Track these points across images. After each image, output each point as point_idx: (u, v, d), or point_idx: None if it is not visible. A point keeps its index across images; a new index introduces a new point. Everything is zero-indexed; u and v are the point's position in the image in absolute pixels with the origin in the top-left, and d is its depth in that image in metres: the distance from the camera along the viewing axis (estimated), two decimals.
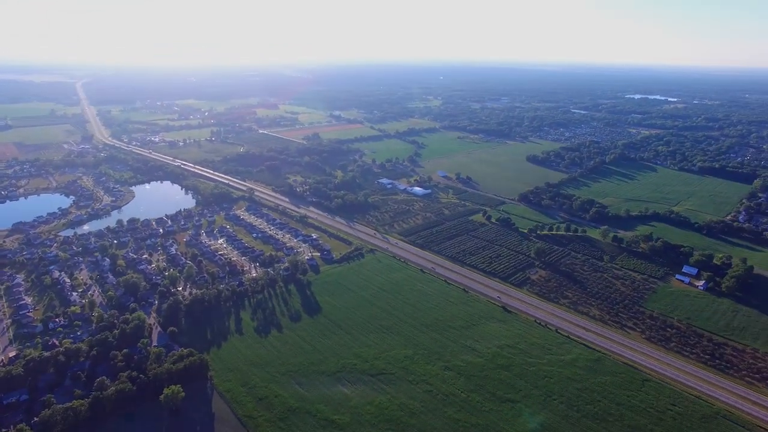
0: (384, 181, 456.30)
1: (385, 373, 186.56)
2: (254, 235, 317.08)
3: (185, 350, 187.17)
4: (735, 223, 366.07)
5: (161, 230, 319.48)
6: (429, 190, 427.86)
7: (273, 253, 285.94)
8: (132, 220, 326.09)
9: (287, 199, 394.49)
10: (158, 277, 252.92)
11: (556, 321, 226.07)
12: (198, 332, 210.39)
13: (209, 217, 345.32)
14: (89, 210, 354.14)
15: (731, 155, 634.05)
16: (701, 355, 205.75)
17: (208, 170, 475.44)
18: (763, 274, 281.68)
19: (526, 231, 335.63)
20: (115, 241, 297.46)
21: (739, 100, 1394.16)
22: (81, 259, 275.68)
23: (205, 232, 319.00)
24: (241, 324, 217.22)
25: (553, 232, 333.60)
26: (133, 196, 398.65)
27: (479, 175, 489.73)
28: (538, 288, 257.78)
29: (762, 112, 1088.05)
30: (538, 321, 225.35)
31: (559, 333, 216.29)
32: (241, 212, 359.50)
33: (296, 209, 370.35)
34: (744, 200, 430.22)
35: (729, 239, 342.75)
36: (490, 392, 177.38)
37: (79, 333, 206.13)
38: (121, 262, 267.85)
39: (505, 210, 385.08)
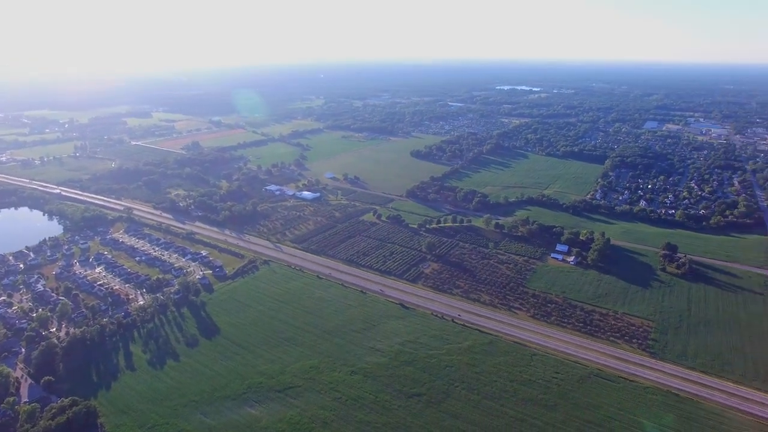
0: (272, 187, 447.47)
1: (293, 387, 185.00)
2: (137, 258, 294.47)
3: (67, 400, 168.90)
4: (593, 201, 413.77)
5: (22, 265, 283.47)
6: (318, 194, 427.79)
7: (160, 276, 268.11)
8: None
9: (171, 216, 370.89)
10: (23, 321, 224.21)
11: (452, 311, 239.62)
12: (81, 376, 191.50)
13: (82, 243, 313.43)
14: None
15: (586, 139, 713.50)
16: (576, 324, 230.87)
17: (75, 191, 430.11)
18: (618, 244, 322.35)
19: (416, 226, 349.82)
20: None
21: (588, 89, 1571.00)
22: None
23: (79, 262, 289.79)
24: (131, 359, 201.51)
25: (441, 225, 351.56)
26: None
27: (366, 174, 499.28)
28: (432, 281, 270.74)
29: (606, 100, 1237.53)
30: (435, 313, 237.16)
31: (455, 322, 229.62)
32: (120, 235, 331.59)
33: (182, 226, 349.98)
34: (599, 179, 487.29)
35: (590, 216, 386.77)
36: (397, 390, 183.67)
37: None
38: None
39: (394, 207, 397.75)
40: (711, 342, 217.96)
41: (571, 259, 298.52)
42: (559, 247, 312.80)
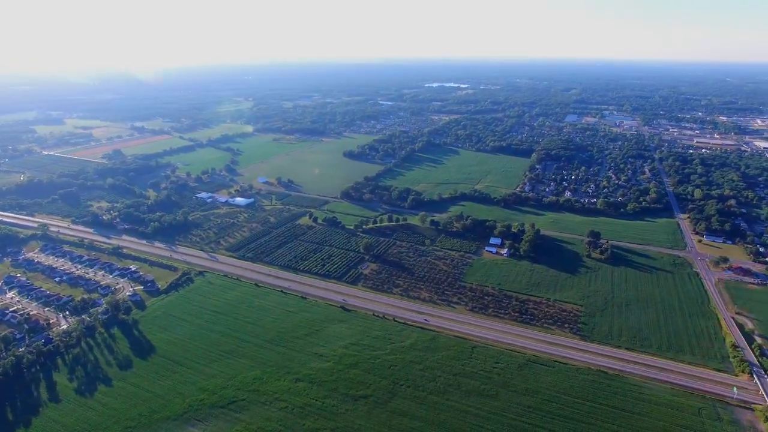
0: (203, 195, 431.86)
1: (237, 401, 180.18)
2: (57, 279, 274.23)
3: None
4: (523, 194, 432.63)
5: None
6: (252, 199, 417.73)
7: (85, 296, 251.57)
8: None
9: (94, 231, 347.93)
10: None
11: (393, 310, 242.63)
12: None
13: None
14: None
15: (513, 134, 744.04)
16: (512, 313, 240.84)
17: None
18: (547, 234, 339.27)
19: (352, 227, 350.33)
20: None
21: (513, 85, 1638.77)
22: None
23: None
24: (55, 389, 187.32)
25: (378, 225, 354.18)
26: None
27: (300, 177, 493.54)
28: (371, 282, 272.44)
29: (530, 95, 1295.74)
30: (376, 314, 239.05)
31: (396, 321, 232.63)
32: (35, 254, 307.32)
33: (107, 240, 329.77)
34: (527, 173, 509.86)
35: (520, 208, 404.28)
36: (343, 394, 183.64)
37: None
38: None
39: (330, 209, 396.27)
40: (632, 320, 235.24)
41: (504, 251, 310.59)
42: (492, 241, 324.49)
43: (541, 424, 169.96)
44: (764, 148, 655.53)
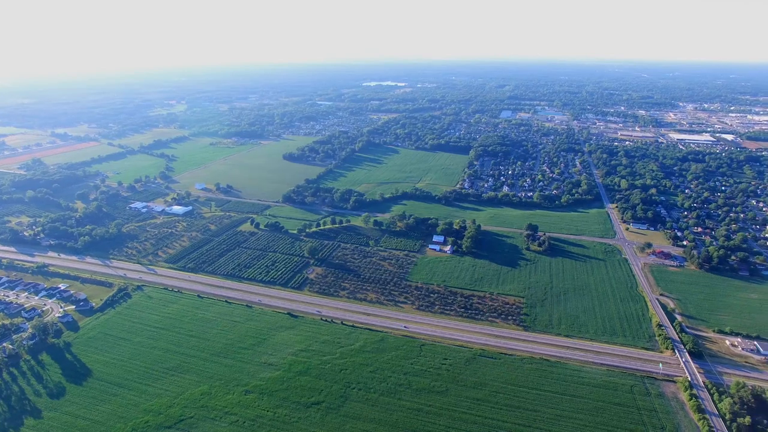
0: (137, 205, 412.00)
1: (185, 419, 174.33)
2: None
3: None
4: (463, 190, 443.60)
5: None
6: (190, 207, 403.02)
7: (6, 321, 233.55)
8: None
9: (14, 249, 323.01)
10: None
11: (340, 313, 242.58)
12: None
13: None
14: None
15: (451, 131, 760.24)
16: (457, 309, 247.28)
17: None
18: (488, 230, 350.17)
19: (295, 232, 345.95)
20: None
21: (449, 83, 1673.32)
22: None
23: None
24: None
25: (321, 228, 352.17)
26: None
27: (240, 182, 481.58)
28: (317, 286, 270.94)
29: (466, 92, 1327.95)
30: (324, 318, 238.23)
31: (344, 325, 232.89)
32: None
33: (30, 259, 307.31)
34: (466, 169, 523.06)
35: (461, 205, 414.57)
36: (294, 402, 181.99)
37: None
38: None
39: (271, 214, 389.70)
40: (570, 308, 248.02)
41: (447, 248, 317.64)
42: (435, 238, 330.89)
43: (490, 415, 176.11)
44: (677, 139, 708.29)
